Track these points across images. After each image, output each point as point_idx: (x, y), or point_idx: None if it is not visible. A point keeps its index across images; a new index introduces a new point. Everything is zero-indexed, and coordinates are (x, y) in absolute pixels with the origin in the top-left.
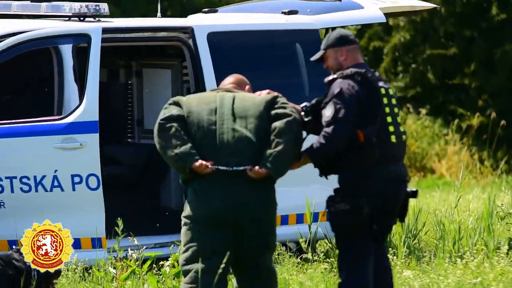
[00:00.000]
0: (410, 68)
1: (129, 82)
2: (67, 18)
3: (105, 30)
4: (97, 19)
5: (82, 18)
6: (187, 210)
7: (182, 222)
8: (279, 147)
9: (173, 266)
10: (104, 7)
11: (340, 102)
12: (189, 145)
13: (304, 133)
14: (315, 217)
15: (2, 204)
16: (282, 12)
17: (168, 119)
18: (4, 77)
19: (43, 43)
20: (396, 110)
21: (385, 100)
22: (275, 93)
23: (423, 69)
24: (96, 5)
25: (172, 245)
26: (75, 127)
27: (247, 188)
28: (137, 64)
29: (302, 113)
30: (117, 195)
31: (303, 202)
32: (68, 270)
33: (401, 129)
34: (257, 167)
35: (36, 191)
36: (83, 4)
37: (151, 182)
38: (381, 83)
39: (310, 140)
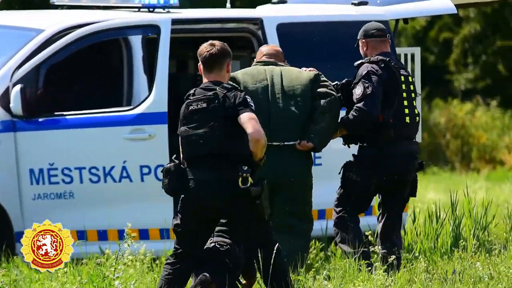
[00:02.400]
0: (480, 59)
1: (198, 73)
2: (136, 9)
3: (174, 21)
4: (166, 10)
5: (151, 9)
6: None
7: None
8: (322, 124)
9: None
10: None
11: (367, 81)
12: None
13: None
14: None
15: (71, 194)
16: (352, 3)
17: None
18: (73, 68)
19: (112, 34)
20: (413, 95)
21: (403, 86)
22: (316, 71)
23: (493, 60)
24: None
25: None
26: (144, 118)
27: (292, 158)
28: None
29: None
30: None
31: None
32: (136, 261)
33: (416, 111)
34: (304, 141)
35: (105, 181)
36: None
37: None
38: (402, 71)
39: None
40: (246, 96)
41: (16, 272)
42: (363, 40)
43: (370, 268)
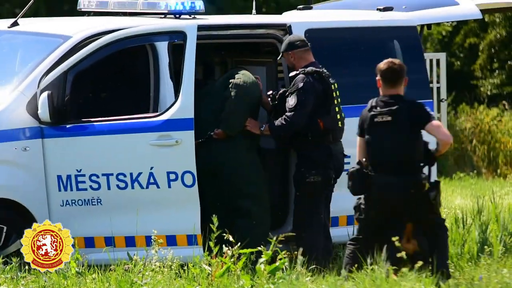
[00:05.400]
0: (506, 64)
1: None
2: (163, 16)
3: (200, 27)
4: (192, 16)
5: (178, 16)
6: None
7: None
8: (226, 110)
9: (268, 263)
10: (200, 4)
11: (302, 95)
12: None
13: None
14: None
15: (98, 201)
16: (377, 9)
17: None
18: (100, 74)
19: (139, 40)
20: (339, 100)
21: (334, 94)
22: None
23: None
24: (191, 2)
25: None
26: (171, 124)
27: (218, 147)
28: (232, 61)
29: (269, 99)
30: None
31: None
32: (164, 267)
33: (343, 115)
34: (215, 130)
35: (132, 188)
36: (179, 1)
37: None
38: (331, 80)
39: None
40: (425, 107)
41: (45, 278)
42: (290, 52)
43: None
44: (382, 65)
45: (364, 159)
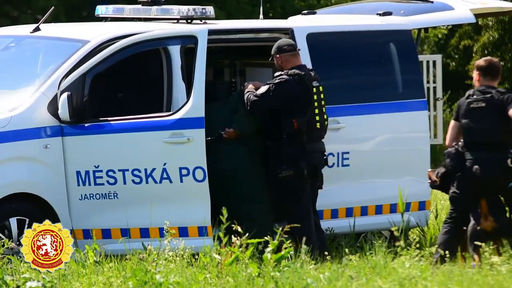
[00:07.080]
0: None
1: (233, 80)
2: (175, 21)
3: (211, 32)
4: (203, 21)
5: (189, 21)
6: None
7: None
8: (240, 111)
9: (274, 252)
10: (210, 10)
11: (273, 89)
12: None
13: None
14: (407, 207)
15: (115, 195)
16: (377, 14)
17: None
18: (117, 76)
19: (153, 44)
20: (323, 103)
21: (315, 97)
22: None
23: (511, 66)
24: (202, 8)
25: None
26: (183, 123)
27: (219, 155)
28: (241, 63)
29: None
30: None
31: (396, 193)
32: (176, 256)
33: (325, 117)
34: (227, 129)
35: (147, 182)
36: (191, 7)
37: None
38: (314, 83)
39: None
40: None
41: (65, 267)
42: (277, 56)
43: None
44: (483, 62)
45: (460, 142)
